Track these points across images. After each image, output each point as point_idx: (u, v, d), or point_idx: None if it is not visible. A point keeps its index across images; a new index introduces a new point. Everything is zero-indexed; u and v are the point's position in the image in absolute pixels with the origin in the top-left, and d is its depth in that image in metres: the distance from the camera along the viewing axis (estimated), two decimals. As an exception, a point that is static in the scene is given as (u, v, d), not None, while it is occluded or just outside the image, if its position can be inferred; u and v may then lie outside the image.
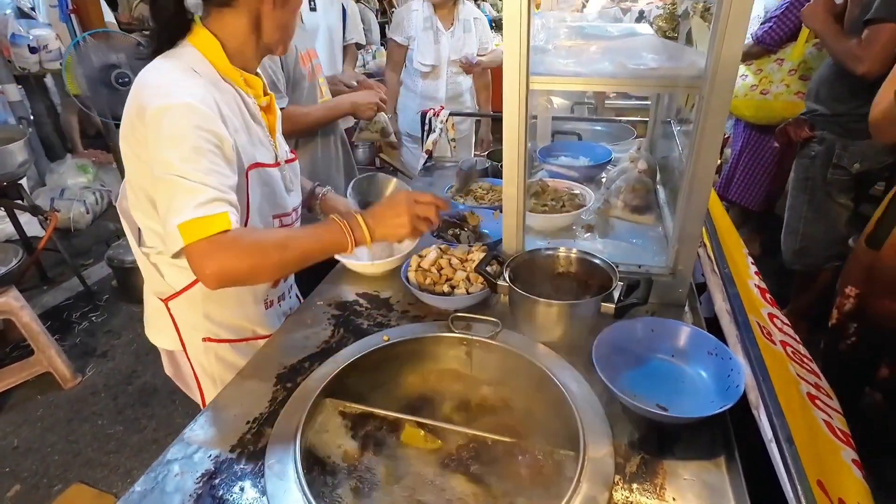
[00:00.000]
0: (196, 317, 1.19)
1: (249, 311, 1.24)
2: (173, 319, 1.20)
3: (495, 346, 1.04)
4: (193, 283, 1.15)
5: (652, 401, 0.89)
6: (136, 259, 1.19)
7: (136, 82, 0.99)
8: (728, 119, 3.22)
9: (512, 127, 1.09)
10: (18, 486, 2.05)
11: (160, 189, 0.91)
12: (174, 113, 0.91)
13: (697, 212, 1.08)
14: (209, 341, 1.21)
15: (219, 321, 1.20)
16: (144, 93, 0.95)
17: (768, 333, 1.10)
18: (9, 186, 2.90)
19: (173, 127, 0.90)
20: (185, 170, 0.89)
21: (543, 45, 1.20)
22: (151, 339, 1.29)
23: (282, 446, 0.84)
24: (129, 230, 1.16)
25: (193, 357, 1.23)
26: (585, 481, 0.76)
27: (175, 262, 1.11)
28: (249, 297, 1.23)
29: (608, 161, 1.86)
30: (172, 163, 0.89)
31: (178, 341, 1.22)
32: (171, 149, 0.90)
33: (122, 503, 0.77)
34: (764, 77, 2.66)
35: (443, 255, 1.29)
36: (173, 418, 2.36)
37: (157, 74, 0.99)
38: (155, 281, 1.18)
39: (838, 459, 0.87)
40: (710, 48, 0.95)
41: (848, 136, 2.13)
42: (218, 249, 0.88)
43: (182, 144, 0.90)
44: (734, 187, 3.13)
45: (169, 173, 0.89)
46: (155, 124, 0.91)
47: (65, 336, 2.91)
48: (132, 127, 0.98)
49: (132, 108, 0.97)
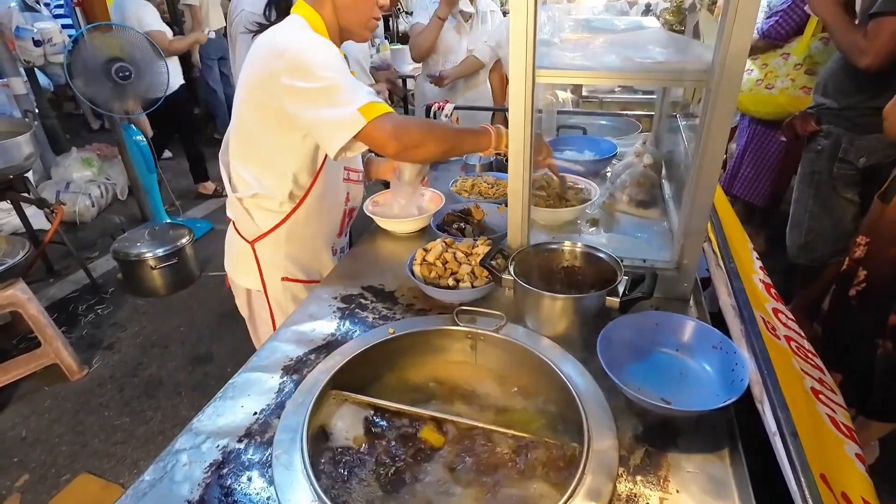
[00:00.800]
0: (278, 256, 1.38)
1: (321, 255, 1.45)
2: (257, 260, 1.38)
3: (500, 339, 1.05)
4: (279, 224, 1.34)
5: (656, 394, 0.89)
6: (230, 207, 1.39)
7: (260, 43, 1.17)
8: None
9: (518, 121, 1.09)
10: (27, 475, 2.08)
11: (322, 95, 1.10)
12: (315, 48, 1.12)
13: (703, 206, 1.08)
14: (287, 280, 1.41)
15: (297, 261, 1.40)
16: (273, 47, 1.13)
17: (772, 328, 1.10)
18: (15, 179, 2.91)
19: (313, 56, 1.10)
20: (338, 77, 1.10)
21: (549, 38, 1.20)
22: (236, 279, 1.48)
23: (289, 437, 0.85)
24: (226, 178, 1.36)
25: (272, 295, 1.42)
26: (590, 473, 0.77)
27: (264, 206, 1.33)
28: (322, 241, 1.44)
29: (613, 155, 1.86)
30: (325, 74, 1.09)
31: (260, 281, 1.40)
32: (318, 68, 1.10)
33: (132, 492, 0.78)
34: (769, 72, 2.64)
35: (448, 249, 1.29)
36: (178, 410, 2.38)
37: (284, 32, 1.16)
38: (245, 224, 1.37)
39: (841, 454, 0.87)
40: (717, 41, 0.95)
41: (855, 130, 2.12)
42: (394, 122, 1.12)
43: (327, 62, 1.11)
44: (738, 182, 3.12)
45: (325, 82, 1.09)
46: (294, 61, 1.10)
47: (71, 328, 2.94)
48: (261, 80, 1.15)
49: (259, 63, 1.15)
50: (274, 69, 1.11)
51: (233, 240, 1.44)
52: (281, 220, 1.34)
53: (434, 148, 1.18)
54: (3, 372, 2.41)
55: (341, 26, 1.25)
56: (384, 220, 1.54)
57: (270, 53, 1.13)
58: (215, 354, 2.72)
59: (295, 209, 1.34)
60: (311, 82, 1.10)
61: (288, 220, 1.34)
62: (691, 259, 1.15)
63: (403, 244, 1.51)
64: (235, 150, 1.31)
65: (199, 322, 2.98)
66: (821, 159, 2.25)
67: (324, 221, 1.42)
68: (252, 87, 1.18)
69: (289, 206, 1.33)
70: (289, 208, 1.33)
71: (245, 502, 0.77)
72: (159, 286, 3.21)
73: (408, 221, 1.53)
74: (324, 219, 1.41)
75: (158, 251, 3.11)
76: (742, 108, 2.90)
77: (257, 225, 1.36)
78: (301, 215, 1.35)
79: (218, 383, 1.47)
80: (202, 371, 2.62)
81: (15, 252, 2.41)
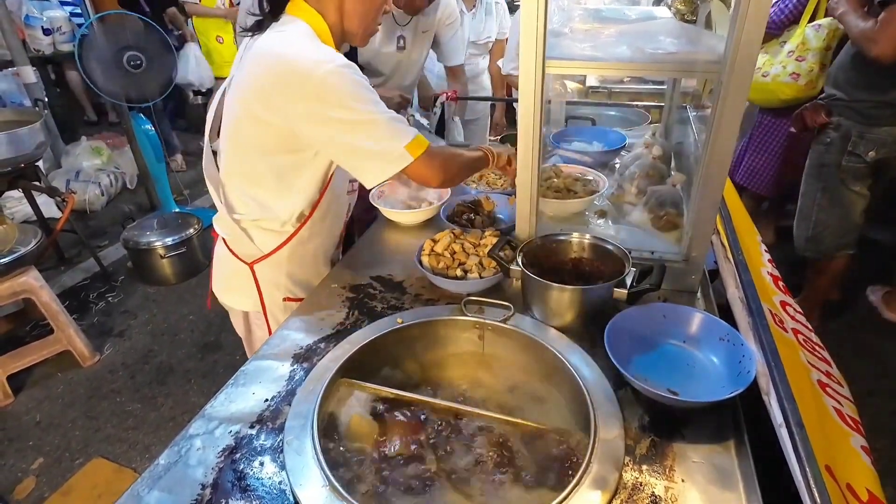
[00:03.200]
0: (279, 277, 1.32)
1: (321, 270, 1.39)
2: (256, 281, 1.32)
3: (508, 329, 1.05)
4: (282, 245, 1.28)
5: (663, 385, 0.90)
6: (220, 224, 1.32)
7: (264, 53, 1.08)
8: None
9: (527, 112, 1.09)
10: (42, 458, 2.12)
11: (364, 129, 1.07)
12: (340, 73, 1.04)
13: (712, 198, 1.08)
14: (288, 300, 1.34)
15: (298, 280, 1.34)
16: (290, 65, 1.04)
17: (780, 321, 1.10)
18: (26, 168, 2.93)
19: (346, 83, 1.04)
20: (378, 109, 1.07)
21: (559, 28, 1.19)
22: (229, 302, 1.41)
23: (299, 423, 0.86)
24: (218, 198, 1.27)
25: (272, 315, 1.36)
26: (596, 462, 0.78)
27: (266, 227, 1.27)
28: (322, 256, 1.39)
29: (622, 146, 1.85)
30: (365, 107, 1.06)
31: (259, 302, 1.34)
32: (356, 98, 1.05)
33: (148, 475, 0.80)
34: (767, 60, 2.62)
35: (456, 240, 1.30)
36: (189, 397, 2.42)
37: (291, 44, 1.07)
38: (244, 245, 1.29)
39: (847, 446, 0.87)
40: (730, 32, 0.94)
41: (865, 122, 2.09)
42: (436, 158, 1.15)
43: (362, 92, 1.06)
44: (742, 171, 3.09)
45: (368, 115, 1.06)
46: (324, 88, 1.03)
47: (82, 315, 2.98)
48: (263, 96, 1.07)
49: (265, 77, 1.06)
50: (293, 92, 1.04)
51: (225, 259, 1.35)
52: (284, 241, 1.28)
53: (463, 176, 1.30)
54: (18, 358, 2.45)
55: (344, 29, 1.18)
56: (391, 212, 1.55)
57: (286, 73, 1.04)
58: (224, 343, 2.75)
59: (299, 229, 1.28)
60: (347, 112, 1.05)
61: (291, 241, 1.28)
62: (700, 251, 1.15)
63: (411, 235, 1.52)
64: (233, 169, 1.22)
65: (208, 310, 3.01)
66: (830, 152, 2.22)
67: (327, 236, 1.37)
68: (253, 103, 1.09)
69: (292, 227, 1.27)
70: (292, 228, 1.27)
71: (257, 486, 0.79)
72: (169, 274, 3.25)
73: (415, 213, 1.53)
74: (327, 234, 1.36)
75: (167, 240, 3.14)
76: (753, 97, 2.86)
77: (257, 247, 1.28)
78: (304, 234, 1.29)
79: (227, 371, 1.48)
80: (211, 359, 2.65)
81: (27, 240, 2.44)
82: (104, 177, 4.26)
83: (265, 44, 1.09)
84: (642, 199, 1.40)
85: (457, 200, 1.57)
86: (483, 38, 2.96)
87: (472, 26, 2.90)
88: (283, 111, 1.06)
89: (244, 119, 1.12)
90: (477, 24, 2.91)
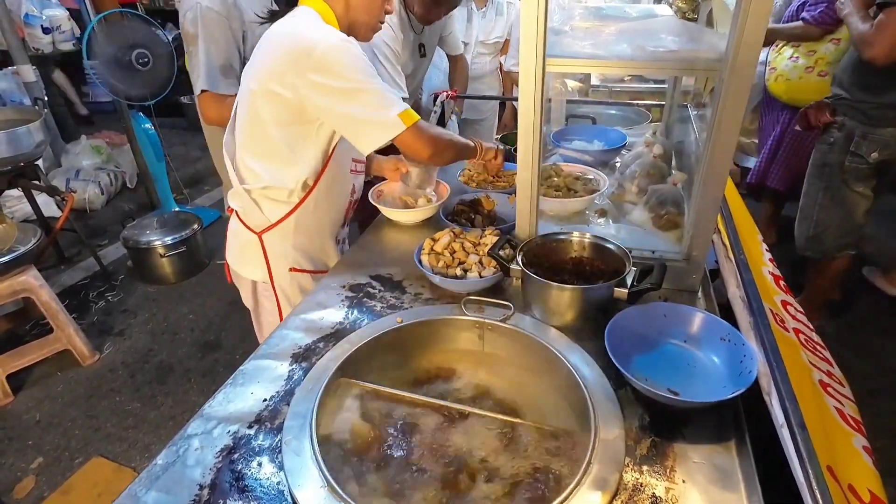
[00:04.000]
0: (286, 247, 1.40)
1: (326, 245, 1.47)
2: (265, 251, 1.39)
3: (507, 328, 1.05)
4: (288, 214, 1.36)
5: (663, 385, 0.90)
6: (234, 198, 1.39)
7: (277, 35, 1.20)
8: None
9: (527, 110, 1.08)
10: (41, 458, 2.12)
11: (360, 96, 1.16)
12: (340, 47, 1.14)
13: (713, 198, 1.07)
14: (294, 271, 1.42)
15: (305, 251, 1.42)
16: (298, 42, 1.14)
17: (781, 321, 1.10)
18: (26, 167, 2.93)
19: (345, 55, 1.14)
20: (373, 79, 1.16)
21: (560, 26, 1.18)
22: (239, 271, 1.48)
23: (298, 423, 0.86)
24: (232, 170, 1.35)
25: (279, 286, 1.43)
26: (596, 462, 0.78)
27: (273, 197, 1.34)
28: (328, 231, 1.46)
29: (623, 145, 1.84)
30: (360, 76, 1.15)
31: (267, 272, 1.41)
32: (352, 69, 1.14)
33: (146, 475, 0.80)
34: (820, 58, 2.58)
35: (456, 239, 1.29)
36: (189, 396, 2.42)
37: (301, 27, 1.18)
38: (253, 215, 1.37)
39: (849, 446, 0.87)
40: (731, 30, 0.93)
41: (869, 123, 2.08)
42: (427, 130, 1.25)
43: (358, 63, 1.15)
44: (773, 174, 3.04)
45: (363, 84, 1.15)
46: (325, 60, 1.12)
47: (82, 315, 2.97)
48: (279, 72, 1.16)
49: (278, 55, 1.17)
50: (301, 65, 1.13)
51: (238, 231, 1.44)
52: (290, 211, 1.35)
53: (450, 156, 1.40)
54: (17, 357, 2.45)
55: (350, 23, 1.27)
56: (391, 211, 1.55)
57: (296, 49, 1.14)
58: (224, 342, 2.75)
59: (304, 199, 1.35)
60: (346, 82, 1.14)
61: (297, 210, 1.36)
62: (701, 250, 1.14)
63: (411, 234, 1.51)
64: (245, 142, 1.31)
65: (208, 309, 3.01)
66: (833, 151, 2.22)
67: (332, 210, 1.44)
68: (268, 79, 1.18)
69: (297, 197, 1.34)
70: (297, 198, 1.35)
71: (255, 487, 0.78)
72: (168, 273, 3.24)
73: (414, 211, 1.53)
74: (332, 207, 1.43)
75: (167, 239, 3.14)
76: (787, 97, 2.81)
77: (266, 216, 1.37)
78: (310, 205, 1.36)
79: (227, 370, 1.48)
80: (211, 358, 2.65)
81: (27, 239, 2.44)
82: (104, 175, 4.25)
83: (278, 27, 1.21)
84: (643, 198, 1.40)
85: (457, 199, 1.57)
86: (493, 38, 2.93)
87: (482, 25, 2.87)
88: (293, 84, 1.15)
89: (260, 95, 1.21)
90: (486, 23, 2.89)
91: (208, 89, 1.73)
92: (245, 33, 1.77)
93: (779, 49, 2.81)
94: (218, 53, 1.72)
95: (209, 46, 1.71)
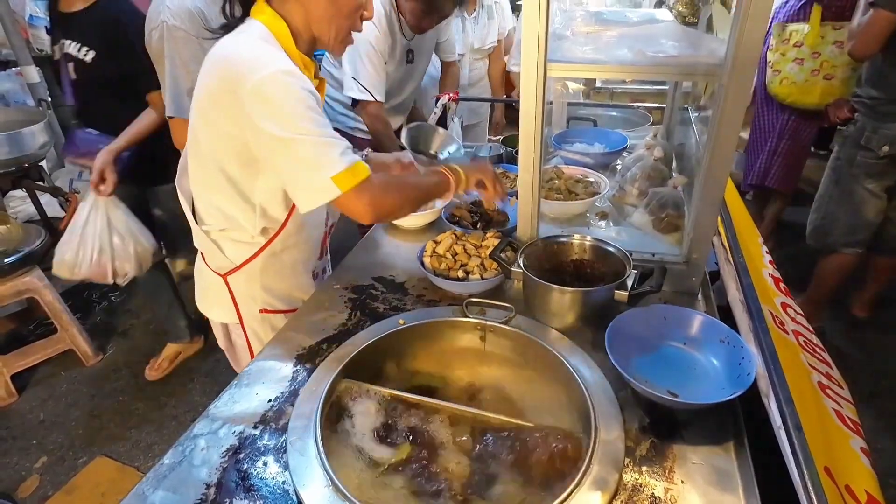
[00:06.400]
0: (254, 289, 1.26)
1: (301, 282, 1.33)
2: (231, 293, 1.26)
3: (509, 330, 1.06)
4: (253, 256, 1.22)
5: (663, 387, 0.90)
6: (196, 240, 1.25)
7: (216, 57, 1.01)
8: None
9: (528, 114, 1.09)
10: (45, 457, 2.14)
11: (290, 150, 0.97)
12: (277, 80, 0.95)
13: (713, 201, 1.08)
14: (266, 312, 1.29)
15: (275, 292, 1.28)
16: (232, 68, 0.97)
17: (781, 323, 1.11)
18: (30, 168, 2.94)
19: (280, 92, 0.95)
20: (310, 128, 0.96)
21: (561, 30, 1.19)
22: (205, 313, 1.36)
23: (302, 424, 0.87)
24: (187, 208, 1.23)
25: (249, 328, 1.31)
26: (596, 463, 0.79)
27: (235, 238, 1.20)
28: (302, 267, 1.32)
29: (623, 148, 1.85)
30: (294, 123, 0.95)
31: (235, 314, 1.29)
32: (286, 113, 0.95)
33: (153, 474, 0.81)
34: (825, 61, 2.61)
35: (458, 241, 1.31)
36: (192, 396, 2.43)
37: (239, 48, 1.00)
38: (215, 257, 1.24)
39: (846, 447, 0.88)
40: (731, 35, 0.94)
41: (878, 118, 2.13)
42: (371, 192, 1.02)
43: (296, 106, 0.95)
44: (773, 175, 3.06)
45: (297, 134, 0.95)
46: (258, 95, 0.94)
47: (86, 315, 2.99)
48: (216, 102, 1.00)
49: (215, 83, 1.00)
50: (243, 102, 0.96)
51: (202, 271, 1.31)
52: (255, 253, 1.21)
53: (407, 210, 1.18)
54: (22, 357, 2.47)
55: (314, 35, 1.08)
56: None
57: (242, 81, 0.95)
58: (226, 342, 2.77)
59: (270, 241, 1.21)
60: (279, 128, 0.95)
61: (262, 253, 1.22)
62: (701, 253, 1.15)
63: (413, 236, 1.53)
64: (197, 178, 1.16)
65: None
66: (846, 146, 2.28)
67: (304, 249, 1.30)
68: (211, 111, 1.03)
69: (262, 239, 1.20)
70: (263, 240, 1.21)
71: (261, 486, 0.79)
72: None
73: (416, 216, 1.53)
74: (303, 246, 1.29)
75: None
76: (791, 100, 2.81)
77: (228, 258, 1.22)
78: (277, 247, 1.22)
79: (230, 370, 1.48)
80: (213, 358, 2.66)
81: (31, 240, 2.46)
82: (107, 176, 4.26)
83: (217, 48, 1.03)
84: (643, 201, 1.41)
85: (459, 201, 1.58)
86: (488, 44, 2.93)
87: (476, 32, 2.87)
88: (239, 121, 0.99)
89: (200, 125, 1.07)
90: (480, 29, 2.88)
91: (174, 115, 1.64)
92: None
93: (780, 51, 2.81)
94: (186, 75, 1.59)
95: (176, 69, 1.59)
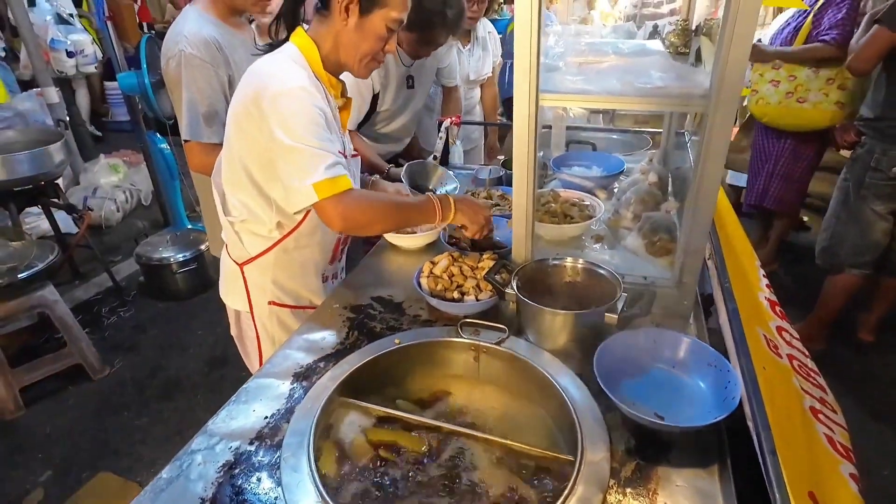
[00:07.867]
0: (265, 281, 1.38)
1: (310, 282, 1.43)
2: (245, 282, 1.39)
3: (502, 351, 1.08)
4: (267, 250, 1.34)
5: (650, 409, 0.92)
6: (224, 230, 1.39)
7: (252, 71, 1.18)
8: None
9: (522, 141, 1.13)
10: (50, 471, 2.16)
11: (289, 156, 1.10)
12: (293, 94, 1.11)
13: (702, 225, 1.11)
14: (274, 304, 1.40)
15: (284, 287, 1.39)
16: (259, 81, 1.14)
17: (775, 346, 1.12)
18: (46, 185, 3.04)
19: (294, 105, 1.10)
20: (311, 140, 1.09)
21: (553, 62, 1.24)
22: (223, 298, 1.49)
23: (297, 441, 0.89)
24: (219, 201, 1.36)
25: (258, 318, 1.42)
26: (581, 484, 0.80)
27: (254, 231, 1.32)
28: (312, 269, 1.42)
29: (620, 171, 1.88)
30: (297, 134, 1.09)
31: (247, 302, 1.41)
32: (293, 123, 1.09)
33: (150, 489, 0.84)
34: (799, 84, 2.64)
35: (454, 262, 1.34)
36: (195, 412, 2.45)
37: (268, 66, 1.17)
38: (235, 246, 1.37)
39: (836, 473, 0.88)
40: (714, 67, 0.98)
41: (886, 140, 2.16)
42: (345, 203, 1.12)
43: (302, 119, 1.10)
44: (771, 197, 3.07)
45: (298, 143, 1.09)
46: (275, 105, 1.10)
47: (94, 329, 3.04)
48: (246, 109, 1.15)
49: (248, 93, 1.15)
50: (265, 111, 1.11)
51: (225, 261, 1.45)
52: (269, 247, 1.33)
53: (381, 227, 1.28)
54: (31, 371, 2.52)
55: (341, 61, 1.23)
56: (393, 236, 1.58)
57: (264, 93, 1.11)
58: (231, 358, 2.79)
59: (284, 238, 1.32)
60: (284, 135, 1.09)
61: (276, 248, 1.33)
62: (691, 277, 1.18)
63: (412, 257, 1.56)
64: (227, 174, 1.30)
65: (217, 326, 3.06)
66: (855, 167, 2.31)
67: (315, 251, 1.39)
68: (243, 118, 1.17)
69: (277, 234, 1.32)
70: (278, 235, 1.32)
71: (254, 501, 0.82)
72: (180, 290, 3.31)
73: (415, 237, 1.57)
74: (315, 249, 1.39)
75: (179, 256, 3.21)
76: (767, 120, 2.86)
77: (245, 248, 1.35)
78: (290, 244, 1.33)
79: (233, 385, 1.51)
80: (218, 374, 2.69)
81: (44, 255, 2.52)
82: (120, 193, 4.37)
83: (255, 64, 1.19)
84: (637, 225, 1.44)
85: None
86: (483, 76, 2.97)
87: (471, 64, 2.90)
88: (262, 127, 1.13)
89: (233, 131, 1.22)
90: (475, 62, 2.90)
91: (190, 139, 1.71)
92: (231, 77, 1.73)
93: (759, 70, 2.83)
94: (202, 101, 1.67)
95: (192, 95, 1.67)
